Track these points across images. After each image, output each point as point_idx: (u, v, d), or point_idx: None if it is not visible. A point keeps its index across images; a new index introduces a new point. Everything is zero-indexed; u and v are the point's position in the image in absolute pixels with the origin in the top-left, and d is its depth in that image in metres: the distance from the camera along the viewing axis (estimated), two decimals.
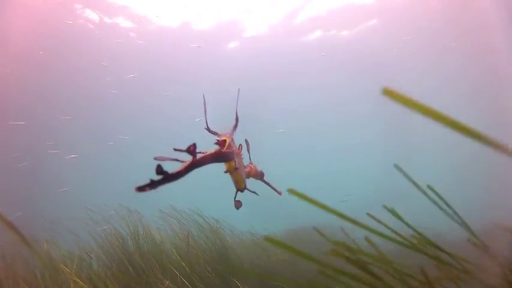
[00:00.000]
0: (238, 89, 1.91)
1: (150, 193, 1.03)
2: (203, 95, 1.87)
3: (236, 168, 1.78)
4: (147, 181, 0.93)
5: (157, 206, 4.84)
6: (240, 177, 1.88)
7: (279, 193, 2.24)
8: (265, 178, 2.30)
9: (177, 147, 1.15)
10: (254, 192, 2.07)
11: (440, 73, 14.06)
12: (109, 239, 4.32)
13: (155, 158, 1.05)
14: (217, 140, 1.61)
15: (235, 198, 1.95)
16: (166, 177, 0.96)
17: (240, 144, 1.88)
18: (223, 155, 1.44)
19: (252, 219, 6.07)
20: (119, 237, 4.36)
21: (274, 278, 3.70)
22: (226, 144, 1.59)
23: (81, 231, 4.65)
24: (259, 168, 2.22)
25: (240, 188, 1.94)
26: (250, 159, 2.17)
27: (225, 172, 1.84)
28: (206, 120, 1.77)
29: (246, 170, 2.08)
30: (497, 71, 11.46)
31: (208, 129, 1.78)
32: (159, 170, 0.93)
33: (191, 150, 1.09)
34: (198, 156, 1.16)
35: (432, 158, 17.96)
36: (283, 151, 17.43)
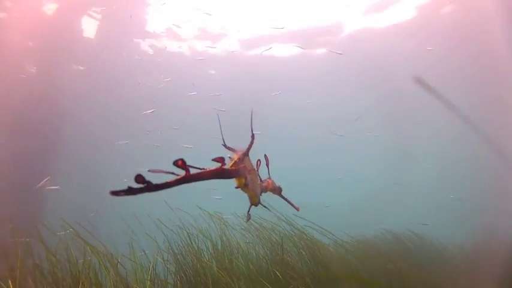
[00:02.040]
0: (252, 110, 2.01)
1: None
2: (217, 115, 2.02)
3: (246, 185, 1.79)
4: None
5: (239, 210, 4.25)
6: (252, 193, 1.92)
7: (297, 209, 2.25)
8: (282, 193, 2.32)
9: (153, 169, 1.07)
10: (266, 207, 2.16)
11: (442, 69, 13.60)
12: (188, 248, 3.77)
13: (149, 171, 1.00)
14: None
15: (248, 211, 2.01)
16: (148, 187, 0.88)
17: (259, 160, 1.95)
18: (225, 172, 1.39)
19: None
20: (197, 246, 3.80)
21: None
22: (232, 162, 1.67)
23: (155, 234, 4.11)
24: (277, 184, 2.26)
25: (254, 203, 1.99)
26: (269, 174, 2.21)
27: (236, 188, 1.84)
28: (222, 137, 1.86)
29: (263, 184, 2.16)
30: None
31: (225, 145, 1.87)
32: (140, 179, 0.87)
33: (178, 164, 1.04)
34: (197, 171, 1.15)
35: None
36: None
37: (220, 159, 1.38)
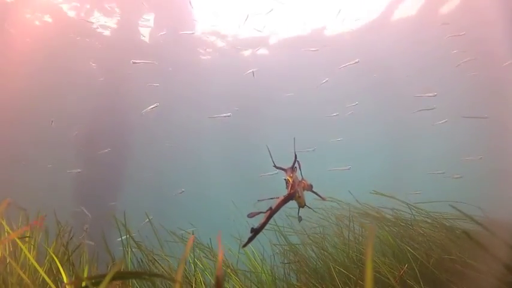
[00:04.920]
0: (294, 138, 2.24)
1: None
2: (267, 146, 2.27)
3: (299, 197, 2.08)
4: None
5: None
6: (302, 199, 2.17)
7: (324, 199, 2.45)
8: (313, 189, 2.46)
9: (260, 198, 1.85)
10: (311, 209, 2.36)
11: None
12: (304, 236, 3.73)
13: (248, 216, 1.54)
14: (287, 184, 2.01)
15: (298, 213, 2.29)
16: (256, 232, 1.37)
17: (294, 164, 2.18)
18: (291, 196, 1.83)
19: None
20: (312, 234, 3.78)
21: None
22: (290, 184, 1.97)
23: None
24: (308, 182, 2.40)
25: (302, 206, 2.22)
26: (301, 175, 2.35)
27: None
28: (272, 159, 2.10)
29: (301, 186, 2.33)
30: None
31: (275, 166, 2.13)
32: (252, 229, 1.38)
33: (269, 209, 1.51)
34: (275, 201, 1.59)
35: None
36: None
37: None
